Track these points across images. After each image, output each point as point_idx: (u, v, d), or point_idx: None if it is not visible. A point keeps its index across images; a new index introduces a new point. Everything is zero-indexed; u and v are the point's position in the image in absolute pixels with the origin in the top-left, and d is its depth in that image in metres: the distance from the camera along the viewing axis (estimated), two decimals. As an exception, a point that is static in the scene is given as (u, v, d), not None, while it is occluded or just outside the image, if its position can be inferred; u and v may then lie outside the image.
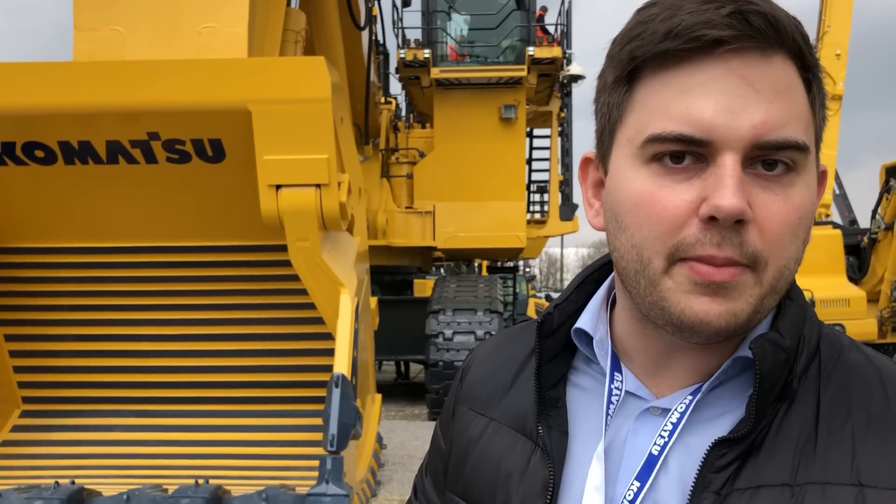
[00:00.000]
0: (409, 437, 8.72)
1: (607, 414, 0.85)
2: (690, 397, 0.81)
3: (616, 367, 0.88)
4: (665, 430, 0.81)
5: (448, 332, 10.13)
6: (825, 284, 10.46)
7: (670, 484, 0.79)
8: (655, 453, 0.81)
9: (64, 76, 3.71)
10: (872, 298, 11.05)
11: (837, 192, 15.52)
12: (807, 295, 10.95)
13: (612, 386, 0.86)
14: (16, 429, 4.30)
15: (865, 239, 11.88)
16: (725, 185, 0.71)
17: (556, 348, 0.92)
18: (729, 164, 0.72)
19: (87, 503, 3.25)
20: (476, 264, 16.18)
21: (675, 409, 0.81)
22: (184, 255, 4.25)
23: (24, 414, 4.37)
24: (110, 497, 3.26)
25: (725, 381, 0.82)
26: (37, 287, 4.29)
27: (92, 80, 3.68)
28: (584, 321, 0.90)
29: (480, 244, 11.91)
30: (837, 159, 13.96)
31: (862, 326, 10.29)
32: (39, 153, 3.84)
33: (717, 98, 0.73)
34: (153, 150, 3.83)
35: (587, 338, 0.90)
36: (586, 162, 0.89)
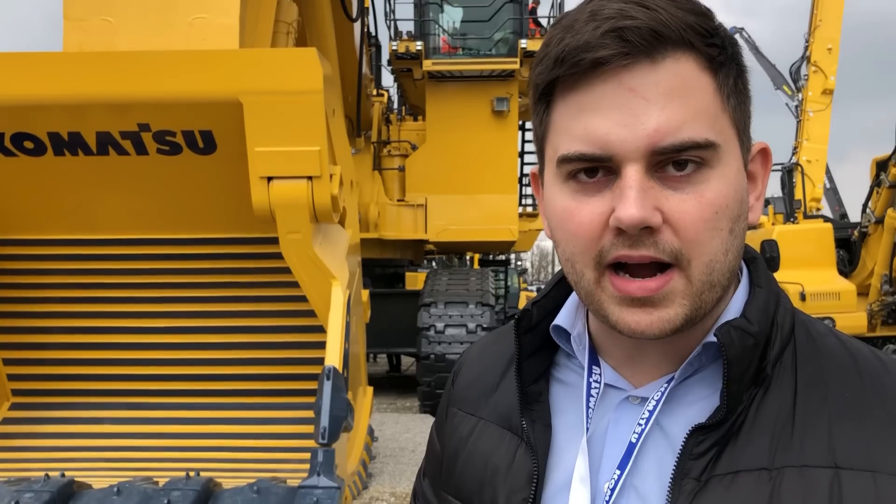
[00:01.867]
0: (400, 430, 8.72)
1: (587, 406, 0.88)
2: (666, 385, 0.84)
3: (594, 360, 0.90)
4: (642, 418, 0.83)
5: (440, 325, 10.14)
6: (815, 278, 10.51)
7: (650, 470, 0.82)
8: (634, 441, 0.83)
9: (54, 67, 3.68)
10: (862, 292, 11.10)
11: (828, 185, 15.57)
12: (797, 288, 10.99)
13: (591, 379, 0.89)
14: (5, 421, 4.28)
15: (856, 233, 11.92)
16: (626, 198, 0.74)
17: (536, 344, 0.94)
18: (629, 175, 0.75)
19: (78, 496, 3.24)
20: (468, 257, 16.18)
21: (651, 398, 0.84)
22: (174, 247, 4.23)
23: (14, 406, 4.35)
24: (101, 489, 3.25)
25: (702, 368, 0.84)
26: (26, 279, 4.27)
27: (82, 70, 3.66)
28: (563, 318, 0.93)
29: (472, 237, 11.91)
30: (828, 153, 14.00)
31: (852, 320, 10.34)
32: (29, 144, 3.82)
33: (609, 114, 0.76)
34: (144, 142, 3.81)
35: (566, 334, 0.93)
36: (534, 177, 0.93)
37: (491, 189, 11.69)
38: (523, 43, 11.49)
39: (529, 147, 14.87)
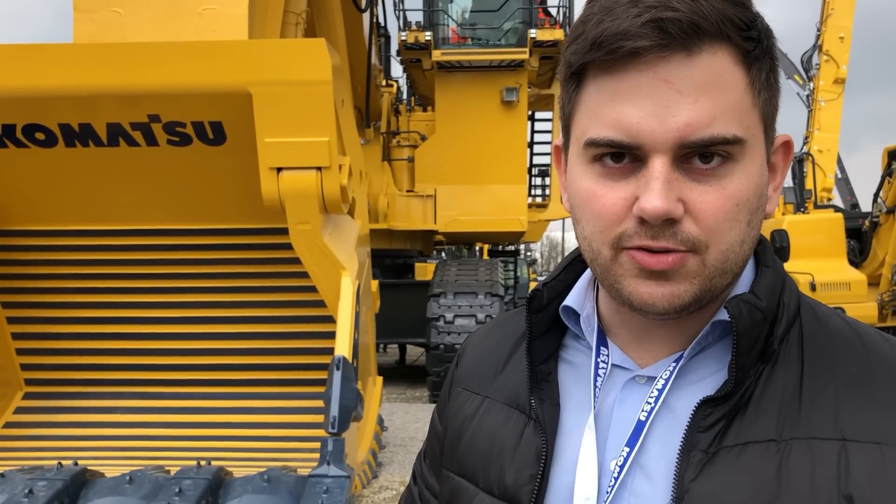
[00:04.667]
0: (409, 420, 8.75)
1: (595, 386, 0.89)
2: (674, 364, 0.85)
3: (602, 341, 0.92)
4: (651, 397, 0.85)
5: (449, 316, 10.15)
6: (826, 268, 10.45)
7: (655, 447, 0.83)
8: (643, 419, 0.84)
9: (64, 58, 3.70)
10: (873, 282, 11.04)
11: (840, 175, 15.46)
12: (807, 278, 10.91)
13: (599, 359, 0.91)
14: (19, 410, 4.32)
15: (867, 222, 11.84)
16: (651, 189, 0.76)
17: (545, 325, 0.96)
18: (656, 166, 0.77)
19: (90, 484, 3.27)
20: (477, 248, 16.17)
21: (661, 377, 0.85)
22: (185, 237, 4.25)
23: (27, 396, 4.39)
24: (113, 478, 3.28)
25: (707, 347, 0.86)
26: (39, 270, 4.30)
27: (92, 61, 3.67)
28: (572, 299, 0.95)
29: (482, 228, 11.89)
30: (839, 143, 13.90)
31: (862, 310, 10.29)
32: (40, 135, 3.84)
33: (642, 103, 0.76)
34: (154, 133, 3.82)
35: (575, 315, 0.95)
36: (557, 149, 0.94)
37: (500, 179, 11.67)
38: (533, 33, 11.44)
39: (539, 137, 14.83)
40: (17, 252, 4.27)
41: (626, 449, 0.84)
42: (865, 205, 13.96)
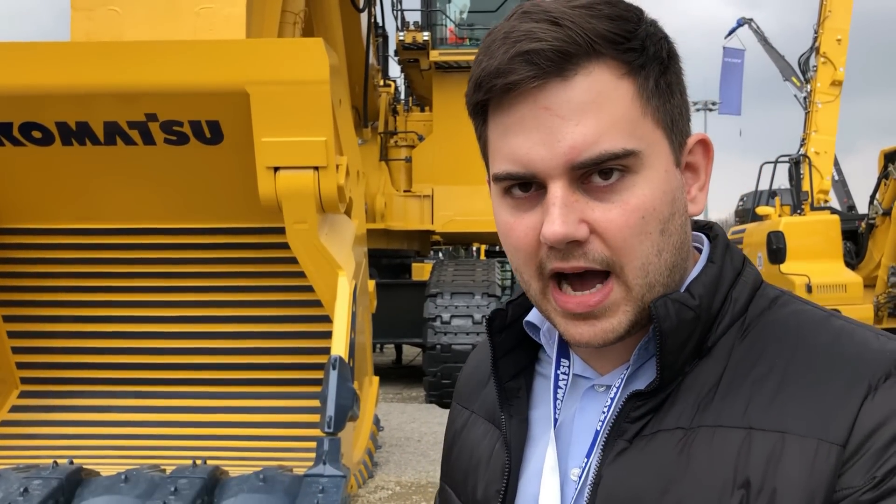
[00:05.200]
0: (406, 420, 8.76)
1: (555, 397, 0.91)
2: (625, 373, 0.86)
3: (563, 353, 0.93)
4: (605, 406, 0.86)
5: (446, 316, 10.15)
6: (822, 270, 10.48)
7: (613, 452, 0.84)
8: (598, 428, 0.86)
9: (61, 56, 3.69)
10: (869, 284, 11.07)
11: (836, 178, 15.50)
12: (803, 280, 10.94)
13: (559, 371, 0.92)
14: (14, 409, 4.32)
15: (863, 224, 11.88)
16: (550, 214, 0.77)
17: (513, 342, 0.97)
18: (553, 192, 0.78)
19: (86, 483, 3.27)
20: (474, 248, 16.17)
21: (613, 385, 0.87)
22: (181, 236, 4.25)
23: (23, 394, 4.38)
24: (108, 477, 3.28)
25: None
26: (35, 268, 4.30)
27: (90, 60, 3.67)
28: (534, 314, 0.95)
29: (479, 228, 11.89)
30: (836, 145, 13.93)
31: (858, 312, 10.31)
32: (37, 134, 3.83)
33: (529, 134, 0.78)
34: (151, 132, 3.82)
35: (539, 329, 0.96)
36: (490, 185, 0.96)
37: (498, 180, 11.67)
38: (530, 33, 11.44)
39: (536, 138, 14.82)
40: (13, 250, 4.26)
41: (586, 459, 0.85)
42: (862, 207, 14.00)
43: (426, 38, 11.45)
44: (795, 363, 0.79)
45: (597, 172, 0.78)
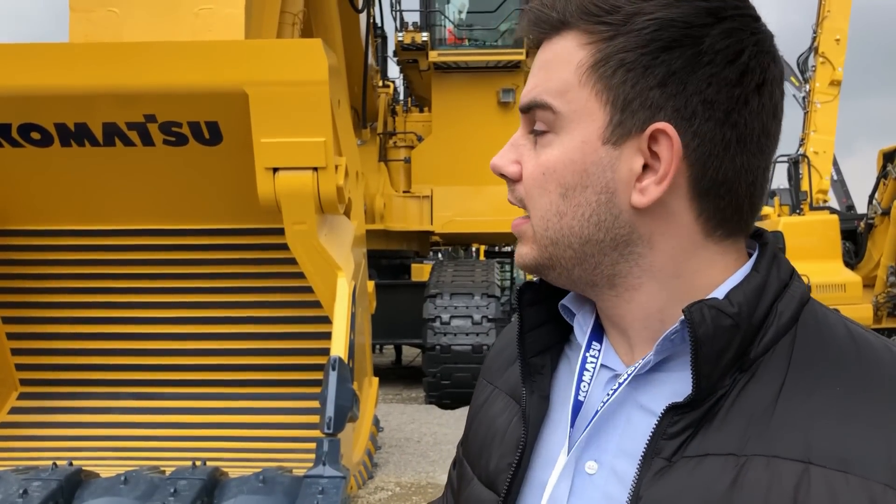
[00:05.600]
0: (405, 420, 8.76)
1: (580, 379, 0.90)
2: (640, 362, 0.84)
3: (598, 337, 0.92)
4: (610, 390, 0.85)
5: (445, 317, 10.15)
6: (821, 269, 10.48)
7: (630, 450, 0.82)
8: (598, 409, 0.85)
9: (60, 57, 3.69)
10: (868, 283, 11.08)
11: (835, 177, 15.50)
12: (803, 280, 11.10)
13: (588, 353, 0.91)
14: (14, 411, 4.31)
15: (862, 224, 11.89)
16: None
17: (543, 317, 0.97)
18: (517, 131, 0.89)
19: (85, 484, 3.27)
20: (474, 248, 16.18)
21: (625, 372, 0.85)
22: (181, 237, 4.24)
23: (22, 396, 4.38)
24: (108, 478, 3.28)
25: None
26: (34, 269, 4.29)
27: (88, 61, 3.66)
28: (571, 297, 0.96)
29: (478, 228, 11.90)
30: (835, 145, 13.93)
31: (858, 311, 10.32)
32: (35, 135, 3.83)
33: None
34: (150, 133, 3.81)
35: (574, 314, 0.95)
36: None
37: (497, 180, 11.33)
38: (529, 34, 11.45)
39: (535, 138, 14.83)
40: (13, 252, 4.26)
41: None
42: (861, 206, 14.00)
43: (425, 38, 11.45)
44: (859, 393, 0.75)
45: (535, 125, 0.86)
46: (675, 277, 0.84)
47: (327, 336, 3.79)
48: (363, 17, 8.52)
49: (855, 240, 12.02)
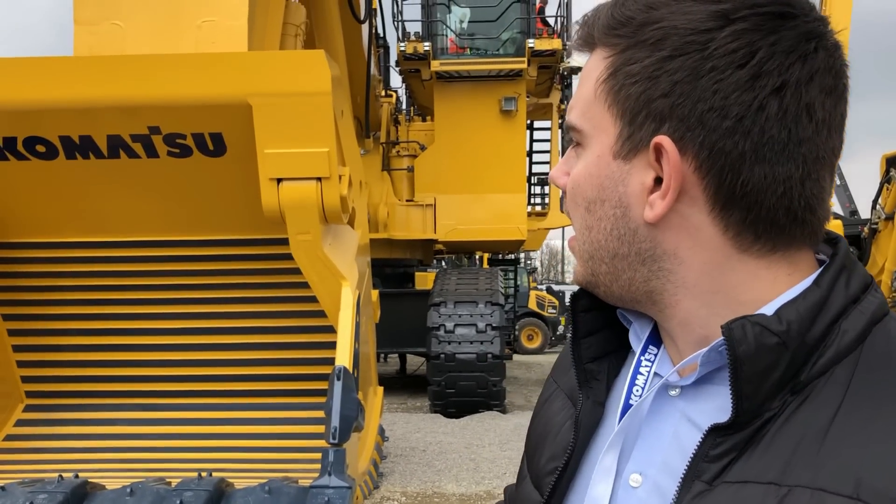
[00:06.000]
0: (411, 430, 8.74)
1: (632, 383, 0.88)
2: (691, 375, 0.82)
3: (655, 342, 0.90)
4: (638, 385, 0.87)
5: (449, 325, 10.14)
6: (826, 275, 10.46)
7: (674, 465, 0.79)
8: (632, 403, 0.85)
9: (65, 71, 3.71)
10: (873, 289, 11.06)
11: (839, 182, 15.45)
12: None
13: (643, 357, 0.89)
14: (20, 423, 4.32)
15: (866, 229, 11.85)
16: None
17: (600, 323, 0.95)
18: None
19: (91, 496, 3.27)
20: (477, 257, 16.19)
21: (681, 385, 0.83)
22: (185, 248, 4.26)
23: (28, 408, 4.38)
24: (114, 490, 3.28)
25: None
26: (39, 282, 4.31)
27: (93, 74, 3.68)
28: None
29: (481, 237, 11.91)
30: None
31: (863, 317, 10.29)
32: (41, 148, 3.85)
33: None
34: (154, 145, 3.83)
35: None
36: None
37: (500, 188, 11.69)
38: (531, 42, 11.48)
39: (538, 146, 14.85)
40: (19, 264, 4.28)
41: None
42: (864, 211, 13.98)
43: (427, 48, 11.48)
44: None
45: None
46: (713, 293, 0.80)
47: (332, 346, 3.79)
48: (365, 27, 8.55)
49: (859, 245, 11.99)
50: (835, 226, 11.68)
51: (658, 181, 0.79)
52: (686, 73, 0.75)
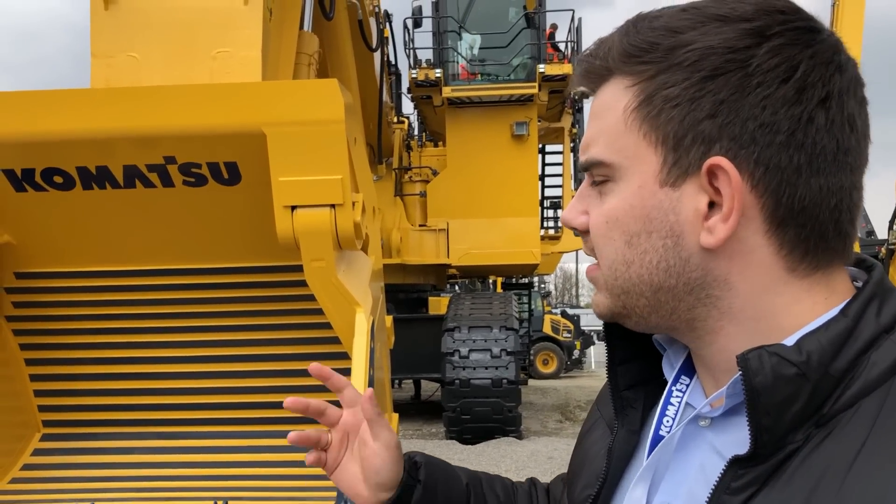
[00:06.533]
0: (426, 456, 8.67)
1: (662, 413, 0.88)
2: (720, 406, 0.82)
3: (688, 372, 0.90)
4: (668, 418, 0.87)
5: (464, 350, 10.12)
6: (843, 296, 10.37)
7: (700, 494, 0.78)
8: (663, 434, 0.86)
9: (81, 103, 3.76)
10: (892, 310, 10.94)
11: (853, 202, 15.33)
12: None
13: (675, 388, 0.89)
14: (36, 452, 4.33)
15: (883, 250, 11.77)
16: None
17: (636, 350, 0.95)
18: (582, 184, 0.90)
19: (108, 525, 3.27)
20: (491, 281, 16.15)
21: (700, 412, 0.84)
22: (201, 276, 4.28)
23: (45, 437, 4.39)
24: (131, 519, 3.27)
25: None
26: (57, 311, 4.33)
27: (109, 105, 3.73)
28: (663, 334, 0.93)
29: (495, 261, 11.93)
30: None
31: (882, 338, 10.17)
32: (58, 179, 3.89)
33: None
34: (170, 174, 3.86)
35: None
36: None
37: (512, 212, 11.73)
38: (541, 68, 11.57)
39: (550, 170, 14.89)
40: (36, 294, 4.31)
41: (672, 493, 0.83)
42: (881, 231, 13.87)
43: (438, 74, 11.59)
44: None
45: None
46: (756, 319, 0.79)
47: (347, 372, 3.78)
48: (377, 55, 8.63)
49: (876, 265, 11.89)
50: (851, 246, 11.59)
51: (710, 205, 0.78)
52: (731, 91, 0.75)
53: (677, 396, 0.87)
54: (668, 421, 0.87)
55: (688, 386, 0.88)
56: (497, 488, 1.28)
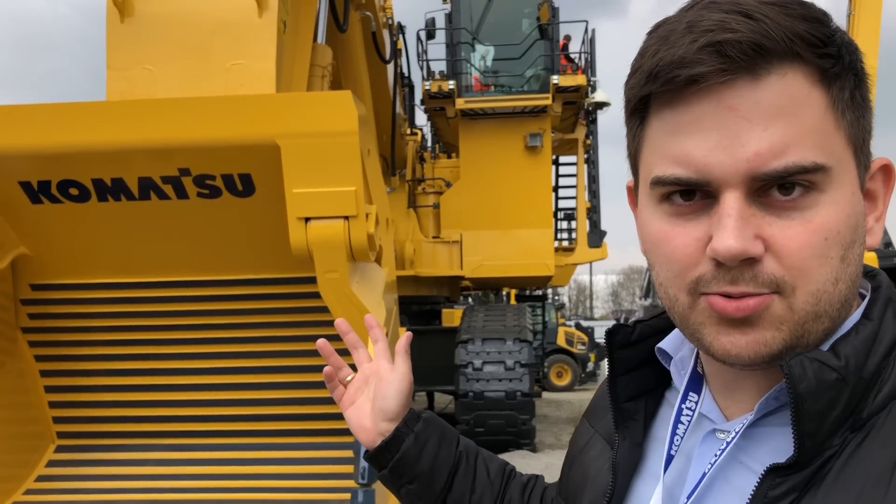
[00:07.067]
0: (440, 469, 8.63)
1: (674, 432, 0.85)
2: (748, 418, 0.79)
3: (693, 387, 0.86)
4: (718, 450, 0.79)
5: (477, 362, 10.08)
6: (861, 308, 10.29)
7: None
8: (706, 471, 0.80)
9: (97, 115, 3.79)
10: (910, 321, 10.85)
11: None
12: None
13: (684, 405, 0.86)
14: (51, 464, 4.34)
15: (901, 261, 11.68)
16: (724, 227, 0.70)
17: (636, 361, 0.92)
18: (728, 202, 0.70)
19: (121, 538, 3.26)
20: (504, 293, 16.12)
21: (732, 430, 0.79)
22: (215, 288, 4.28)
23: (60, 449, 4.40)
24: (144, 531, 3.27)
25: None
26: (71, 323, 4.35)
27: (124, 118, 3.76)
28: (668, 341, 0.90)
29: (508, 273, 11.88)
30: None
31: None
32: (74, 191, 3.91)
33: (708, 135, 0.71)
34: (184, 186, 3.88)
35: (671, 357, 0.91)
36: (629, 190, 0.89)
37: (526, 224, 11.69)
38: (555, 79, 11.56)
39: (563, 182, 14.85)
40: (51, 305, 4.33)
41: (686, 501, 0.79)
42: (898, 242, 13.74)
43: (451, 86, 11.60)
44: None
45: (777, 186, 0.71)
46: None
47: (360, 384, 3.77)
48: (391, 67, 8.66)
49: (894, 277, 11.80)
50: (870, 258, 11.52)
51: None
52: (869, 95, 0.77)
53: (687, 415, 0.85)
54: (678, 440, 0.85)
55: (697, 403, 0.85)
56: (492, 467, 1.29)
